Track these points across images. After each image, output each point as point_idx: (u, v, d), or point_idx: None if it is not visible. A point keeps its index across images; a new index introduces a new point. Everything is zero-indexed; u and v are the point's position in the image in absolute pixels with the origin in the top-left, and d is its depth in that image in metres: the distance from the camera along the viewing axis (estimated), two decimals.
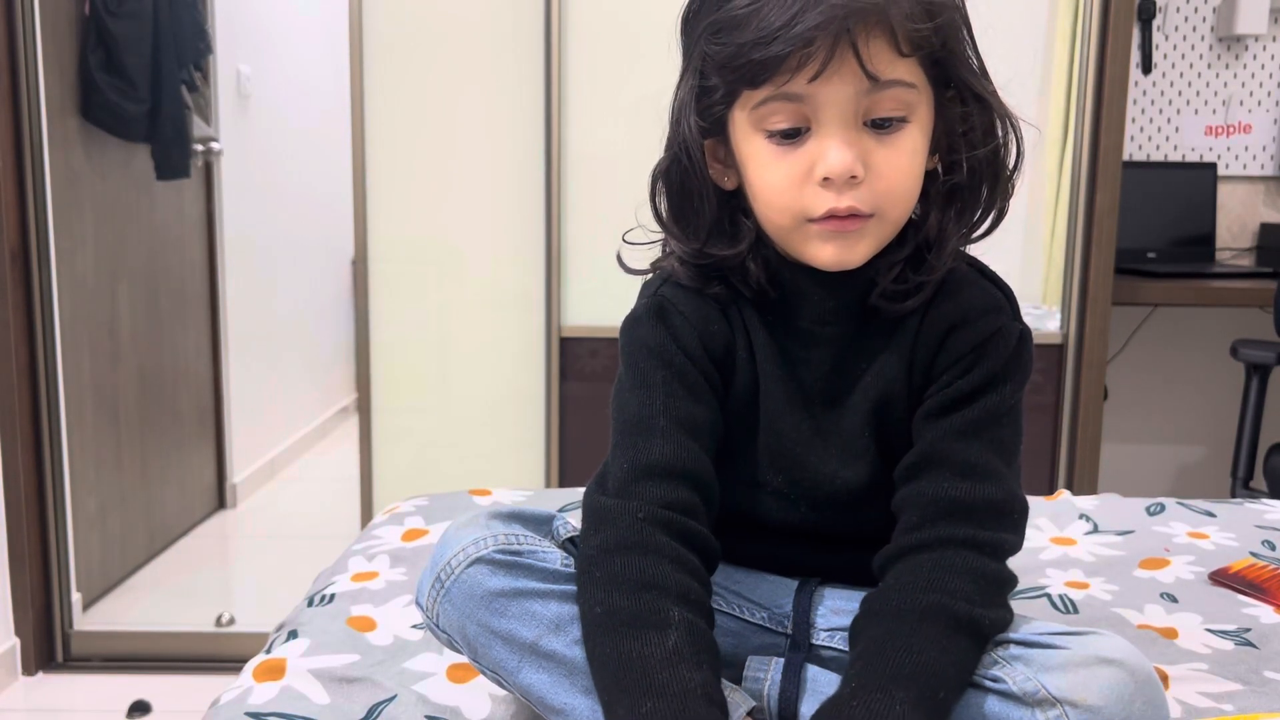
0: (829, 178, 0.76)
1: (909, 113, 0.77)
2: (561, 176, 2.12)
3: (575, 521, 0.86)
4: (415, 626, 1.01)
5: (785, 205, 0.79)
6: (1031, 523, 1.25)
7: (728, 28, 0.76)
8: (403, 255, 2.17)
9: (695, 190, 0.83)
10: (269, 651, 0.98)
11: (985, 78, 0.81)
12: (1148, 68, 2.65)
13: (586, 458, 2.20)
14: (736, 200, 0.85)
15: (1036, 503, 1.41)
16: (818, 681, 0.82)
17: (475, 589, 0.78)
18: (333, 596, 1.10)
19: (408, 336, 2.20)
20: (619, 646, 0.72)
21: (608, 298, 2.14)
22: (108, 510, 2.57)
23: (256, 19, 3.31)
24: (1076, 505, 1.42)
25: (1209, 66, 2.67)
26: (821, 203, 0.77)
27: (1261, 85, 2.67)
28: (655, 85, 0.90)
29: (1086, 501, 1.44)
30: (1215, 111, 2.69)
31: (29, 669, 2.19)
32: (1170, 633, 1.03)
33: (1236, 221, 2.74)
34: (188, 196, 2.96)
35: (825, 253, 0.79)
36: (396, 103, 2.14)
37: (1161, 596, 1.12)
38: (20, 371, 2.15)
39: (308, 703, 0.88)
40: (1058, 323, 2.18)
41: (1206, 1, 2.64)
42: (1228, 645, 1.00)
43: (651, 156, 0.87)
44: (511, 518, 0.83)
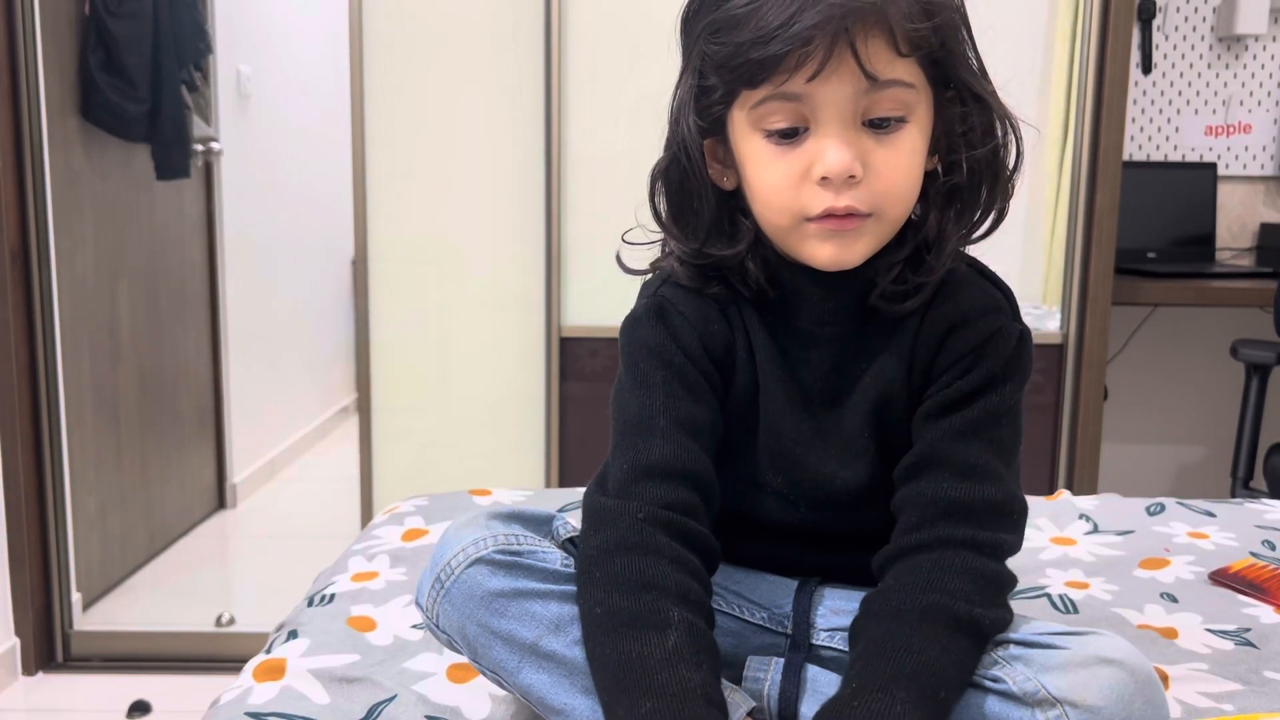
0: (827, 177, 0.76)
1: (907, 113, 0.77)
2: (561, 176, 2.12)
3: (575, 521, 0.86)
4: (415, 626, 1.01)
5: (784, 205, 0.79)
6: (1031, 523, 1.25)
7: (726, 27, 0.76)
8: (403, 255, 2.17)
9: (694, 190, 0.83)
10: (269, 651, 0.98)
11: (985, 78, 0.81)
12: (1148, 68, 2.65)
13: (586, 458, 2.20)
14: (735, 200, 0.85)
15: (1036, 503, 1.41)
16: (818, 681, 0.82)
17: (475, 589, 0.78)
18: (333, 596, 1.10)
19: (408, 336, 2.20)
20: (619, 647, 0.72)
21: (608, 298, 2.15)
22: (108, 510, 2.57)
23: (256, 19, 3.31)
24: (1076, 505, 1.42)
25: (1209, 66, 2.67)
26: (819, 202, 0.77)
27: (1261, 85, 2.67)
28: (655, 85, 0.90)
29: (1086, 501, 1.44)
30: (1215, 111, 2.69)
31: (29, 669, 2.19)
32: (1170, 633, 1.03)
33: (1236, 221, 2.74)
34: (188, 196, 2.96)
35: (823, 252, 0.79)
36: (396, 103, 2.14)
37: (1161, 596, 1.12)
38: (20, 371, 2.15)
39: (308, 703, 0.88)
40: (1058, 323, 2.18)
41: (1206, 1, 2.64)
42: (1228, 645, 1.00)
43: (651, 156, 0.87)
44: (511, 518, 0.83)
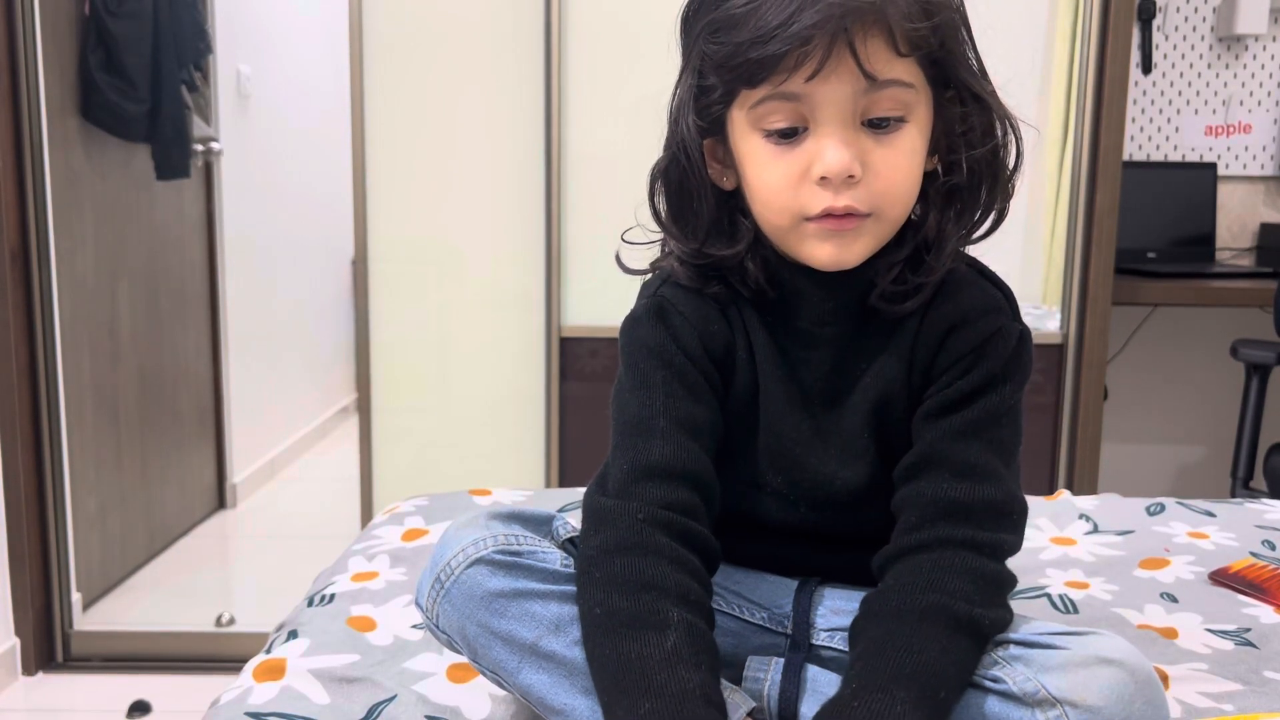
0: (826, 177, 0.76)
1: (907, 113, 0.77)
2: (561, 176, 2.12)
3: (575, 522, 0.86)
4: (415, 626, 1.01)
5: (783, 205, 0.79)
6: (1031, 523, 1.25)
7: (725, 27, 0.76)
8: (403, 255, 2.17)
9: (694, 190, 0.83)
10: (269, 651, 0.98)
11: (984, 78, 0.81)
12: (1148, 68, 2.65)
13: (586, 458, 2.20)
14: (735, 200, 0.85)
15: (1036, 503, 1.41)
16: (818, 681, 0.82)
17: (475, 589, 0.78)
18: (333, 596, 1.10)
19: (408, 336, 2.20)
20: (618, 647, 0.72)
21: (608, 298, 2.15)
22: (108, 510, 2.57)
23: (256, 19, 3.31)
24: (1076, 505, 1.42)
25: (1209, 66, 2.67)
26: (818, 201, 0.77)
27: (1261, 85, 2.67)
28: (655, 85, 0.90)
29: (1086, 501, 1.44)
30: (1215, 111, 2.69)
31: (29, 669, 2.19)
32: (1170, 633, 1.03)
33: (1236, 221, 2.74)
34: (188, 196, 2.96)
35: (822, 252, 0.79)
36: (396, 103, 2.14)
37: (1161, 596, 1.12)
38: (20, 371, 2.15)
39: (308, 703, 0.88)
40: (1058, 323, 2.18)
41: (1206, 1, 2.64)
42: (1228, 645, 1.00)
43: (651, 156, 0.87)
44: (511, 518, 0.83)
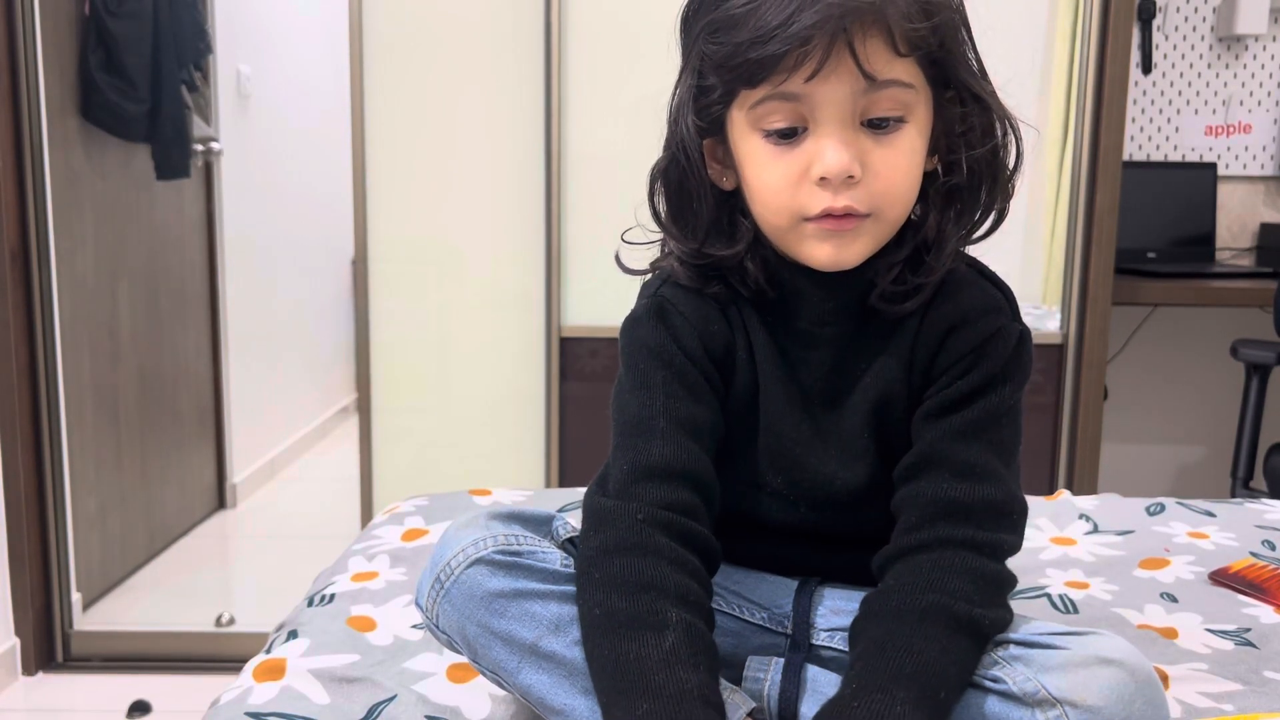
0: (826, 177, 0.76)
1: (906, 113, 0.77)
2: (561, 176, 2.12)
3: (575, 522, 0.86)
4: (415, 626, 1.01)
5: (782, 205, 0.79)
6: (1031, 523, 1.25)
7: (725, 27, 0.76)
8: (403, 255, 2.17)
9: (693, 190, 0.83)
10: (269, 651, 0.98)
11: (984, 78, 0.81)
12: (1148, 68, 2.65)
13: (586, 458, 2.20)
14: (735, 200, 0.85)
15: (1036, 503, 1.41)
16: (818, 682, 0.82)
17: (475, 590, 0.78)
18: (333, 596, 1.10)
19: (408, 336, 2.20)
20: (617, 648, 0.72)
21: (608, 298, 2.15)
22: (108, 510, 2.57)
23: (256, 19, 3.31)
24: (1076, 505, 1.42)
25: (1209, 66, 2.67)
26: (818, 202, 0.77)
27: (1261, 85, 2.67)
28: (655, 85, 0.90)
29: (1086, 501, 1.44)
30: (1215, 111, 2.69)
31: (29, 669, 2.19)
32: (1170, 633, 1.03)
33: (1236, 221, 2.74)
34: (188, 196, 2.96)
35: (821, 252, 0.79)
36: (396, 103, 2.14)
37: (1161, 596, 1.12)
38: (20, 371, 2.15)
39: (308, 703, 0.88)
40: (1058, 323, 2.18)
41: (1206, 1, 2.64)
42: (1228, 645, 1.00)
43: (651, 156, 0.87)
44: (511, 518, 0.83)
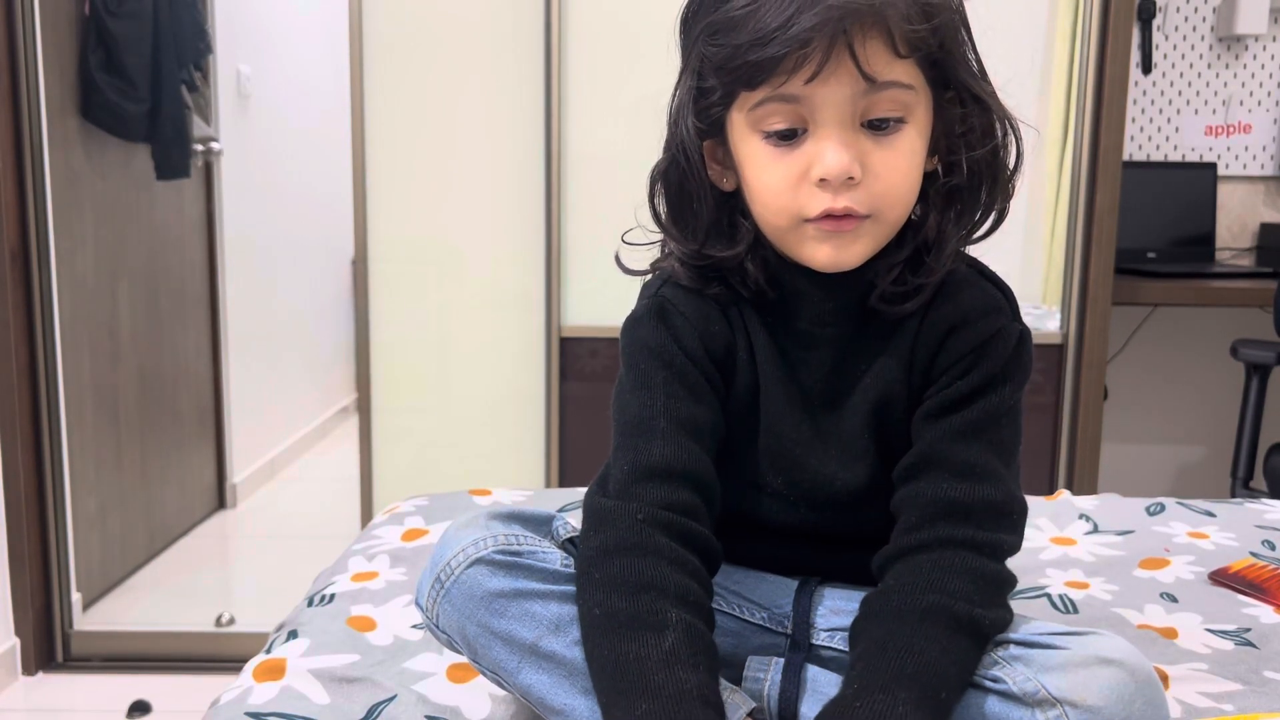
0: (826, 179, 0.76)
1: (906, 114, 0.77)
2: (561, 176, 2.12)
3: (575, 522, 0.86)
4: (415, 626, 1.01)
5: (782, 206, 0.79)
6: (1031, 523, 1.25)
7: (725, 29, 0.76)
8: (403, 255, 2.17)
9: (693, 191, 0.83)
10: (269, 651, 0.98)
11: (984, 79, 0.81)
12: (1148, 68, 2.65)
13: (586, 458, 2.20)
14: (735, 201, 0.85)
15: (1036, 503, 1.41)
16: (818, 681, 0.82)
17: (475, 589, 0.78)
18: (333, 596, 1.10)
19: (408, 336, 2.20)
20: (616, 648, 0.72)
21: (608, 298, 2.15)
22: (108, 510, 2.57)
23: (256, 19, 3.31)
24: (1076, 505, 1.42)
25: (1209, 66, 2.67)
26: (818, 203, 0.77)
27: (1261, 85, 2.67)
28: (655, 85, 0.90)
29: (1086, 501, 1.44)
30: (1215, 111, 2.69)
31: (29, 669, 2.19)
32: (1170, 633, 1.03)
33: (1236, 221, 2.74)
34: (188, 196, 2.96)
35: (821, 253, 0.79)
36: (396, 103, 2.14)
37: (1161, 596, 1.12)
38: (20, 371, 2.15)
39: (308, 703, 0.88)
40: (1058, 323, 2.18)
41: (1206, 1, 2.64)
42: (1228, 645, 1.00)
43: (651, 156, 0.87)
44: (511, 518, 0.83)
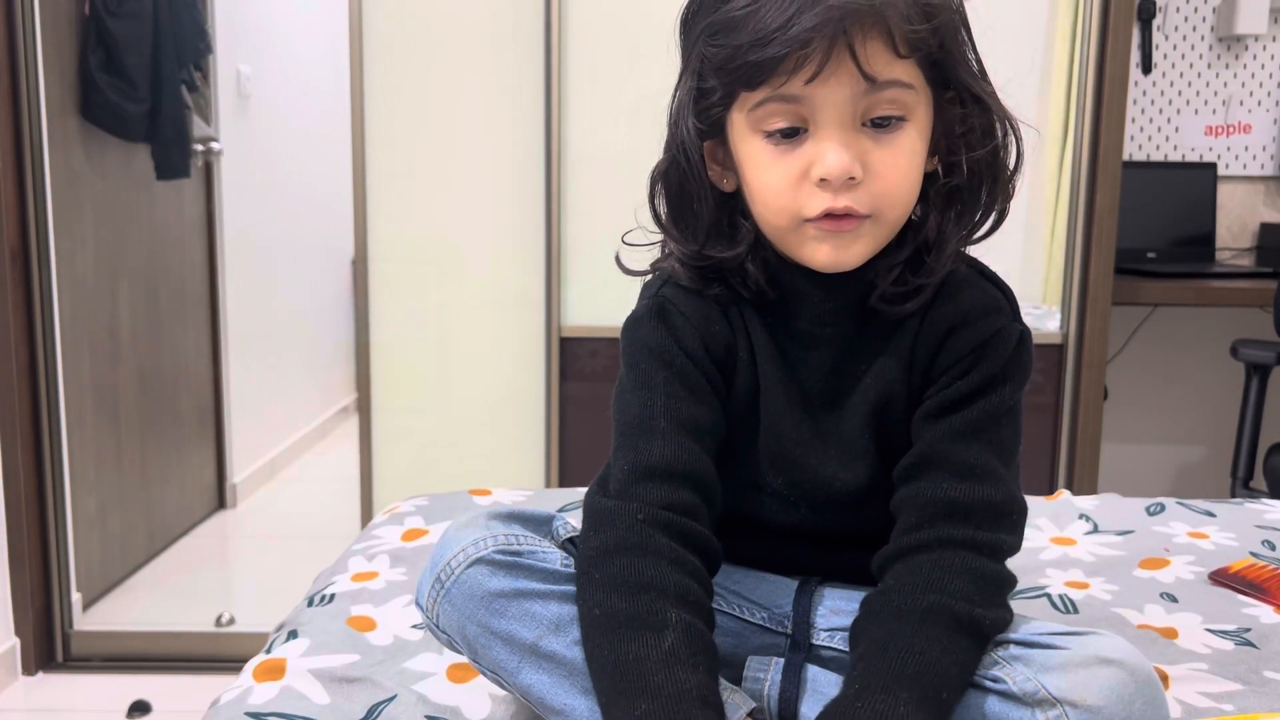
0: (826, 179, 0.76)
1: (907, 113, 0.77)
2: (561, 176, 2.12)
3: (575, 522, 0.86)
4: (415, 626, 1.01)
5: (782, 206, 0.79)
6: (1031, 523, 1.25)
7: (725, 30, 0.76)
8: (403, 255, 2.17)
9: (693, 192, 0.83)
10: (269, 651, 0.98)
11: (984, 79, 0.81)
12: (1148, 68, 2.65)
13: (586, 458, 2.20)
14: (735, 202, 0.85)
15: (1036, 503, 1.41)
16: (818, 682, 0.82)
17: (475, 589, 0.78)
18: (333, 596, 1.10)
19: (408, 336, 2.20)
20: (616, 648, 0.72)
21: (608, 298, 2.15)
22: (108, 510, 2.57)
23: (256, 19, 3.31)
24: (1076, 505, 1.42)
25: (1209, 66, 2.67)
26: (818, 203, 0.77)
27: (1261, 85, 2.67)
28: (655, 85, 0.90)
29: (1086, 501, 1.44)
30: (1215, 111, 2.69)
31: (29, 669, 2.19)
32: (1170, 633, 1.03)
33: (1236, 221, 2.74)
34: (188, 196, 2.96)
35: (821, 253, 0.79)
36: (396, 103, 2.14)
37: (1161, 596, 1.12)
38: (20, 371, 2.15)
39: (308, 703, 0.88)
40: (1058, 323, 2.18)
41: (1206, 1, 2.64)
42: (1228, 645, 1.00)
43: (651, 157, 0.87)
44: (511, 518, 0.83)
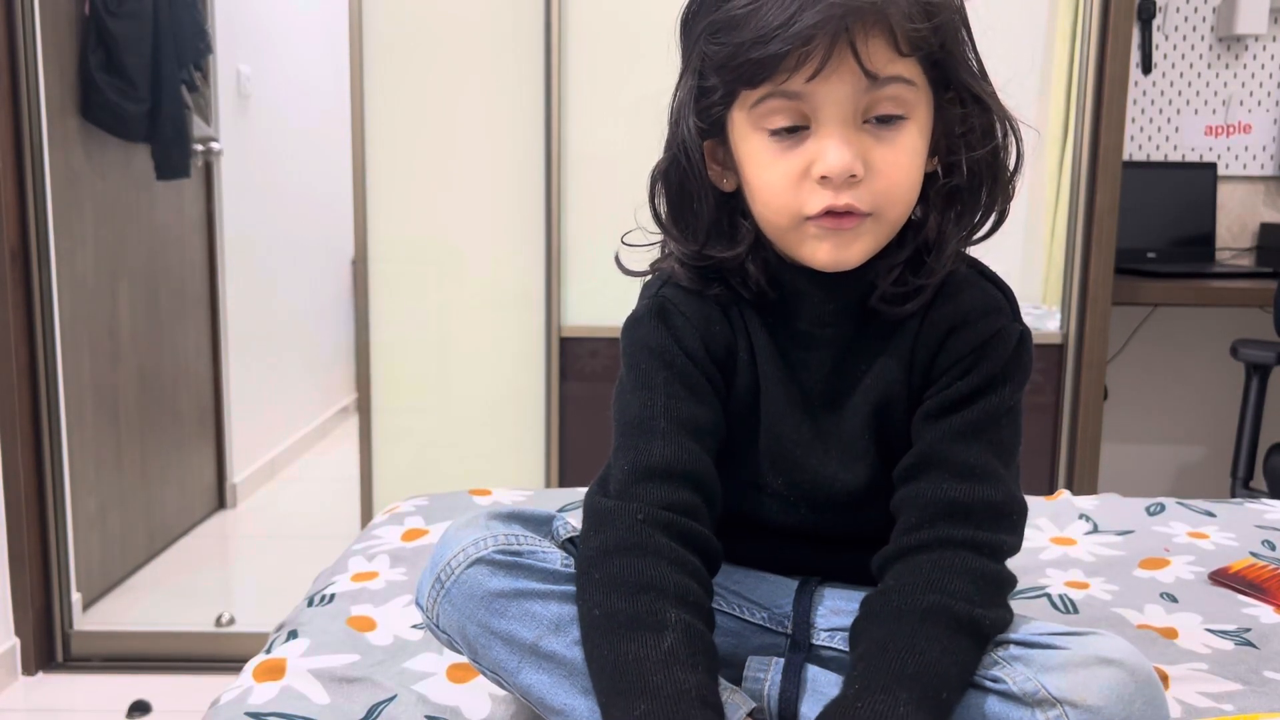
0: (827, 176, 0.76)
1: (908, 111, 0.77)
2: (561, 176, 2.12)
3: (575, 521, 0.86)
4: (415, 626, 1.01)
5: (783, 204, 0.79)
6: (1031, 523, 1.25)
7: (726, 28, 0.76)
8: (403, 255, 2.17)
9: (694, 191, 0.83)
10: (269, 651, 0.98)
11: (985, 79, 0.81)
12: (1148, 68, 2.65)
13: (586, 458, 2.20)
14: (735, 202, 0.85)
15: (1036, 503, 1.41)
16: (818, 681, 0.82)
17: (475, 589, 0.78)
18: (333, 596, 1.10)
19: (408, 336, 2.20)
20: (615, 648, 0.72)
21: (608, 298, 2.15)
22: (108, 510, 2.57)
23: (256, 19, 3.31)
24: (1076, 505, 1.42)
25: (1209, 66, 2.67)
26: (819, 200, 0.77)
27: (1261, 85, 2.67)
28: (655, 85, 0.90)
29: (1086, 501, 1.44)
30: (1215, 111, 2.69)
31: (29, 669, 2.19)
32: (1170, 633, 1.03)
33: (1236, 221, 2.74)
34: (188, 196, 2.96)
35: (821, 251, 0.79)
36: (396, 103, 2.14)
37: (1161, 596, 1.12)
38: (20, 371, 2.15)
39: (308, 703, 0.88)
40: (1058, 323, 2.18)
41: (1206, 1, 2.64)
42: (1228, 645, 1.00)
43: (651, 156, 0.87)
44: (511, 518, 0.83)
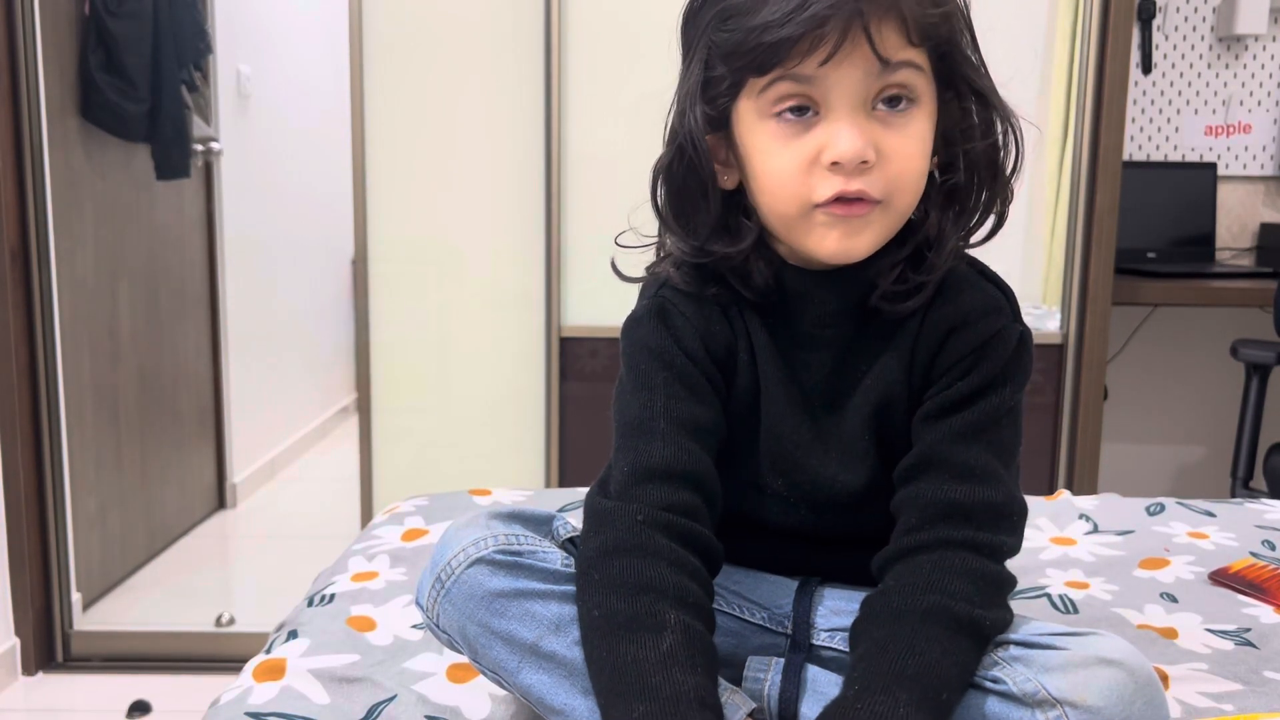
0: (838, 162, 0.75)
1: (917, 97, 0.77)
2: (561, 176, 2.12)
3: (575, 521, 0.86)
4: (415, 626, 1.01)
5: (792, 192, 0.78)
6: (1031, 523, 1.25)
7: (737, 14, 0.75)
8: (403, 255, 2.17)
9: (698, 184, 0.82)
10: (269, 651, 0.98)
11: (987, 76, 0.81)
12: (1148, 68, 2.65)
13: (586, 458, 2.20)
14: (737, 199, 0.84)
15: (1036, 503, 1.41)
16: (818, 682, 0.82)
17: (475, 589, 0.78)
18: (333, 596, 1.10)
19: (408, 336, 2.20)
20: (615, 649, 0.72)
21: (608, 298, 2.14)
22: (108, 510, 2.57)
23: (256, 19, 3.31)
24: (1076, 505, 1.42)
25: (1209, 66, 2.67)
26: (829, 187, 0.76)
27: (1261, 85, 2.67)
28: (655, 85, 0.90)
29: (1086, 501, 1.44)
30: (1215, 111, 2.69)
31: (29, 669, 2.19)
32: (1170, 633, 1.03)
33: (1236, 221, 2.74)
34: (188, 196, 2.96)
35: (829, 240, 0.78)
36: (396, 103, 2.14)
37: (1161, 596, 1.12)
38: (20, 371, 2.15)
39: (308, 703, 0.88)
40: (1058, 323, 2.18)
41: (1206, 1, 2.64)
42: (1228, 645, 1.00)
43: (651, 156, 0.86)
44: (511, 518, 0.83)
